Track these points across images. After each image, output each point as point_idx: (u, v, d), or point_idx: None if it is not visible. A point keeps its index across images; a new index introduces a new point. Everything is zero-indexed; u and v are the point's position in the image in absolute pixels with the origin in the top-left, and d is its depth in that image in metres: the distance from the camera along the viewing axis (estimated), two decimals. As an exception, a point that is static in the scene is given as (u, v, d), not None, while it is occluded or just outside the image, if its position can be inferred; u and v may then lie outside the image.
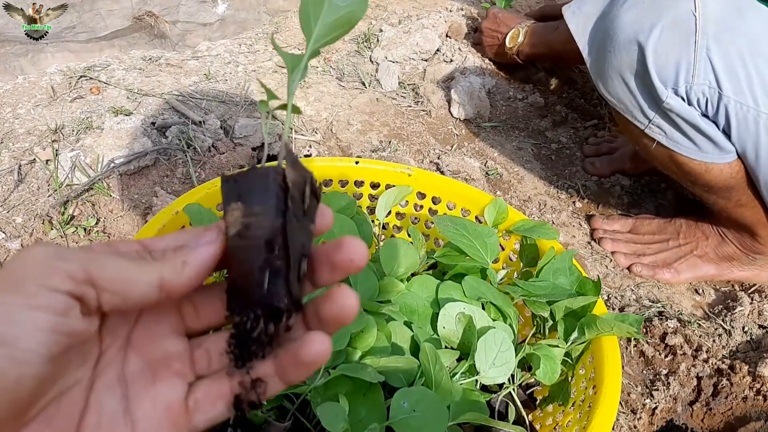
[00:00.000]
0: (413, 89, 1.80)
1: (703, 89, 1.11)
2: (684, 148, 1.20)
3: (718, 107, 1.12)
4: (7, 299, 0.34)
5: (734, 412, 1.20)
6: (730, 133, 1.15)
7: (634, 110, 1.20)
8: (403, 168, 1.15)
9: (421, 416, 0.73)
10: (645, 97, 1.17)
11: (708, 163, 1.20)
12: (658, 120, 1.18)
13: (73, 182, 1.32)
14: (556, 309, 0.92)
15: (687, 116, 1.14)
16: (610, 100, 1.22)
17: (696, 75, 1.10)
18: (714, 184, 1.23)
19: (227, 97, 1.65)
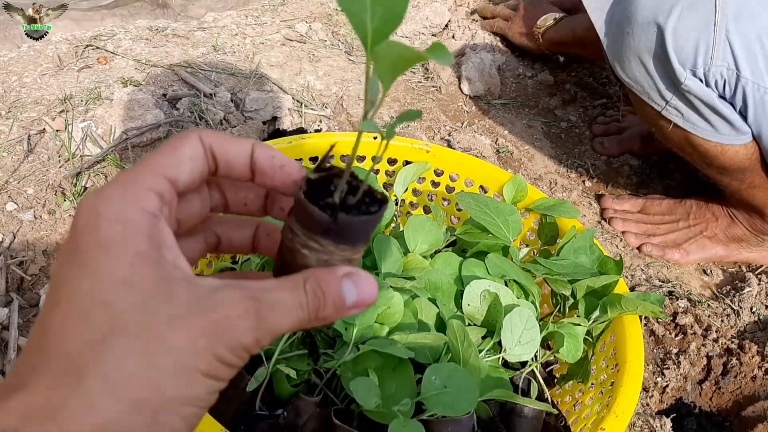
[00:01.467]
0: (423, 65, 1.78)
1: (721, 71, 1.11)
2: (700, 129, 1.20)
3: (736, 89, 1.13)
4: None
5: (743, 391, 1.21)
6: (746, 115, 1.16)
7: (652, 92, 1.19)
8: (421, 144, 1.14)
9: (453, 392, 0.74)
10: (663, 78, 1.16)
11: (724, 144, 1.20)
12: (676, 102, 1.18)
13: (84, 153, 1.31)
14: (577, 287, 0.93)
15: (705, 98, 1.14)
16: (627, 82, 1.22)
17: (715, 56, 1.10)
18: (729, 165, 1.23)
19: (236, 70, 1.63)
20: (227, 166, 0.40)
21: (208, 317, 0.33)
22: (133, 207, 0.34)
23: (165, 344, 0.32)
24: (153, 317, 0.32)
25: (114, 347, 0.31)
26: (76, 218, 0.34)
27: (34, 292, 1.10)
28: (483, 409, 0.83)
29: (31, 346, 0.33)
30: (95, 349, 0.31)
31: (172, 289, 0.33)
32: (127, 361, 0.31)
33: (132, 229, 0.33)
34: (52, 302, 0.33)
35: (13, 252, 1.15)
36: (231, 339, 0.34)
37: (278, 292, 0.36)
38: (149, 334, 0.32)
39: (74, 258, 0.33)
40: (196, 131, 0.39)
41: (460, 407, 0.73)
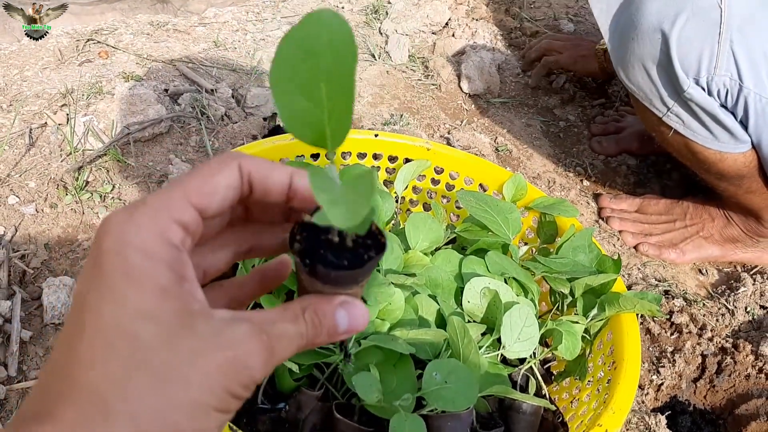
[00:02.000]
0: (423, 63, 1.79)
1: (724, 80, 1.12)
2: (700, 137, 1.21)
3: (738, 99, 1.14)
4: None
5: (736, 389, 1.23)
6: (747, 124, 1.17)
7: (654, 98, 1.20)
8: (422, 142, 1.15)
9: (453, 388, 0.75)
10: (665, 85, 1.17)
11: (723, 152, 1.21)
12: (677, 109, 1.19)
13: (86, 147, 1.31)
14: (576, 286, 0.94)
15: (706, 106, 1.15)
16: (630, 87, 1.23)
17: (718, 66, 1.11)
18: (727, 172, 1.25)
19: (237, 66, 1.64)
20: (264, 193, 0.40)
21: (224, 354, 0.35)
22: (159, 239, 0.35)
23: (184, 381, 0.33)
24: (174, 353, 0.33)
25: (138, 384, 0.33)
26: (101, 238, 0.35)
27: (36, 286, 1.10)
28: (482, 404, 0.84)
29: (54, 370, 0.34)
30: (121, 385, 0.32)
31: (192, 323, 0.34)
32: (150, 399, 0.33)
33: (157, 262, 0.34)
34: (77, 326, 0.34)
35: (15, 245, 1.15)
36: (245, 376, 0.35)
37: (282, 324, 0.38)
38: (170, 370, 0.33)
39: (99, 283, 0.34)
40: (236, 157, 0.39)
41: (460, 402, 0.74)
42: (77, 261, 1.15)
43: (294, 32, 0.35)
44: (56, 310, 1.04)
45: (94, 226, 1.21)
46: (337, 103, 0.36)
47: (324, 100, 0.36)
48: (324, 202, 0.33)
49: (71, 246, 1.17)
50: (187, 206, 0.37)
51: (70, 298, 1.05)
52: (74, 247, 1.17)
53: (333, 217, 0.32)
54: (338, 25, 0.35)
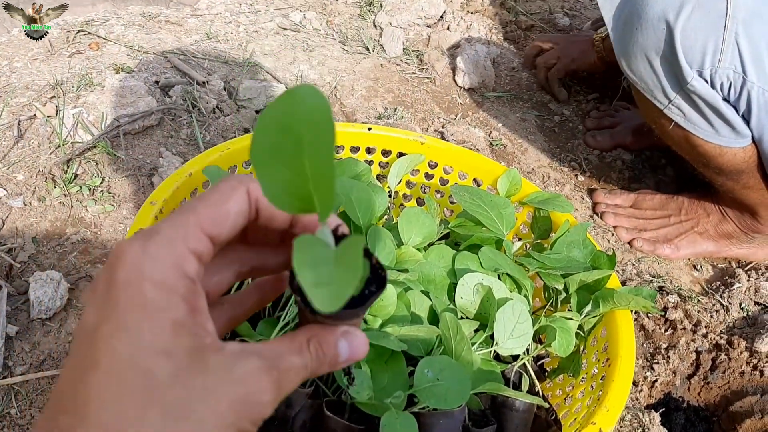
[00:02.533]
0: (417, 56, 1.78)
1: (728, 73, 1.11)
2: (701, 130, 1.20)
3: (741, 92, 1.13)
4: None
5: (731, 386, 1.22)
6: (749, 119, 1.16)
7: (656, 90, 1.19)
8: (415, 136, 1.14)
9: (445, 385, 0.74)
10: (668, 77, 1.16)
11: (723, 146, 1.20)
12: (679, 101, 1.18)
13: (75, 140, 1.29)
14: (570, 282, 0.93)
15: (709, 99, 1.14)
16: (632, 78, 1.22)
17: (723, 59, 1.10)
18: (726, 167, 1.24)
19: (229, 58, 1.62)
20: (269, 219, 0.41)
21: (236, 391, 0.35)
22: (175, 272, 0.35)
23: (197, 419, 0.33)
24: (188, 389, 0.33)
25: (152, 422, 0.32)
26: (115, 268, 0.34)
27: (23, 280, 1.09)
28: (474, 402, 0.83)
29: (64, 403, 0.33)
30: (134, 423, 0.32)
31: (204, 358, 0.34)
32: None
33: (173, 296, 0.34)
34: (89, 359, 0.33)
35: (2, 239, 1.14)
36: (255, 413, 0.35)
37: (289, 357, 0.38)
38: (183, 407, 0.33)
39: (113, 315, 0.33)
40: (245, 181, 0.39)
41: (452, 400, 0.73)
42: (65, 255, 1.14)
43: (272, 109, 0.35)
44: (43, 305, 1.03)
45: (83, 220, 1.20)
46: (320, 173, 0.36)
47: (308, 172, 0.36)
48: (307, 284, 0.32)
49: (59, 240, 1.16)
50: (201, 235, 0.37)
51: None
52: (62, 241, 1.15)
53: (315, 300, 0.32)
54: (315, 101, 0.35)
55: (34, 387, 0.98)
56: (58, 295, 1.04)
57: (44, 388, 0.98)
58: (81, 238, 1.16)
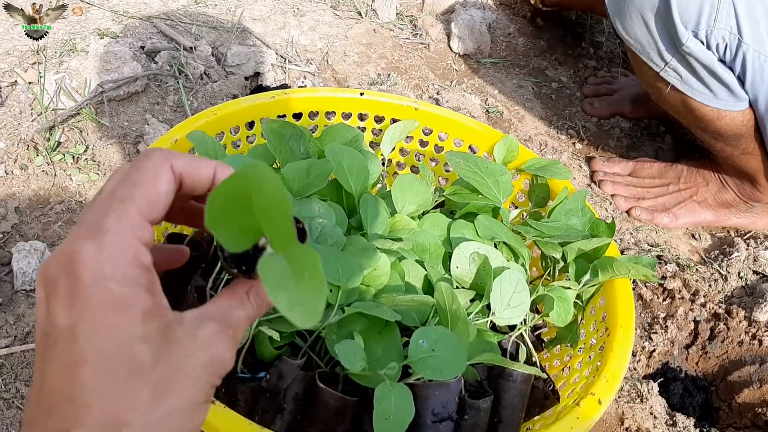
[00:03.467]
0: (411, 21, 1.73)
1: (723, 34, 1.09)
2: (698, 93, 1.17)
3: (736, 54, 1.10)
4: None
5: (729, 356, 1.21)
6: (744, 81, 1.13)
7: (652, 52, 1.16)
8: (409, 101, 1.10)
9: (441, 356, 0.71)
10: (664, 38, 1.13)
11: (721, 110, 1.18)
12: (675, 63, 1.15)
13: (58, 107, 1.25)
14: (568, 250, 0.90)
15: (705, 60, 1.12)
16: (627, 40, 1.18)
17: (718, 19, 1.07)
18: (724, 131, 1.21)
19: (217, 23, 1.57)
20: (190, 189, 0.43)
21: (204, 356, 0.39)
22: (135, 266, 0.38)
23: (179, 388, 0.38)
24: (166, 365, 0.38)
25: (144, 400, 0.37)
26: (77, 272, 0.37)
27: (6, 251, 1.06)
28: (471, 372, 0.81)
29: (61, 396, 0.36)
30: (130, 403, 0.36)
31: (172, 334, 0.39)
32: (157, 410, 0.37)
33: (137, 289, 0.38)
34: (75, 356, 0.36)
35: (-16, 208, 1.10)
36: (221, 369, 0.40)
37: (236, 312, 0.42)
38: (167, 382, 0.37)
39: (87, 314, 0.36)
40: (167, 157, 0.41)
41: (448, 371, 0.71)
42: (49, 225, 1.10)
43: (224, 187, 0.38)
44: (27, 276, 1.00)
45: (67, 189, 1.16)
46: (279, 233, 0.39)
47: (260, 223, 0.39)
48: (283, 308, 0.36)
49: (43, 209, 1.12)
50: (144, 223, 0.39)
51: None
52: (46, 210, 1.12)
53: (295, 321, 0.36)
54: (266, 177, 0.38)
55: (18, 360, 0.95)
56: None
57: (29, 361, 0.95)
58: (65, 207, 1.13)
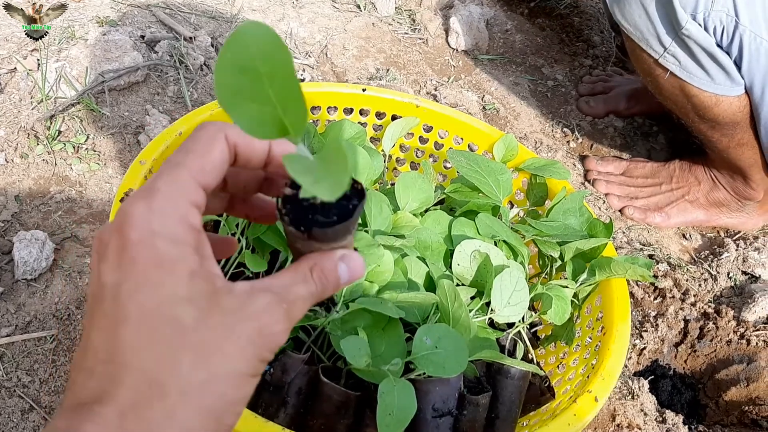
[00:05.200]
0: (410, 15, 1.74)
1: (720, 17, 1.11)
2: (697, 78, 1.19)
3: (733, 37, 1.13)
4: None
5: (717, 354, 1.23)
6: (740, 65, 1.16)
7: (650, 38, 1.18)
8: (411, 98, 1.11)
9: (443, 353, 0.73)
10: (663, 23, 1.15)
11: (718, 95, 1.20)
12: (674, 49, 1.17)
13: (58, 95, 1.25)
14: (566, 250, 0.92)
15: (703, 43, 1.14)
16: (626, 27, 1.20)
17: (716, 1, 1.10)
18: (721, 118, 1.23)
19: (217, 13, 1.57)
20: (245, 162, 0.43)
21: (252, 326, 0.38)
22: (184, 225, 0.37)
23: (222, 355, 0.37)
24: (210, 329, 0.37)
25: (185, 362, 0.36)
26: (125, 230, 0.36)
27: (7, 239, 1.06)
28: (470, 369, 0.83)
29: (101, 356, 0.36)
30: (169, 364, 0.35)
31: (219, 300, 0.38)
32: (197, 374, 0.36)
33: (184, 248, 0.37)
34: (118, 315, 0.36)
35: (-16, 196, 1.10)
36: (271, 342, 0.39)
37: (296, 288, 0.41)
38: (210, 346, 0.36)
39: (133, 273, 0.36)
40: (222, 128, 0.41)
41: (450, 368, 0.72)
42: (50, 214, 1.10)
43: (226, 52, 0.37)
44: (28, 265, 1.00)
45: (68, 178, 1.16)
46: (288, 97, 0.38)
47: (274, 100, 0.38)
48: (307, 184, 0.35)
49: (43, 198, 1.12)
50: (197, 187, 0.39)
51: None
52: (46, 199, 1.12)
53: (320, 193, 0.35)
54: (265, 35, 0.37)
55: (20, 349, 0.96)
56: (44, 256, 1.01)
57: (30, 350, 0.96)
58: (66, 197, 1.13)
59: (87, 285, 1.03)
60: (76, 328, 0.99)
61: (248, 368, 0.38)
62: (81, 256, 1.06)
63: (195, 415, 0.36)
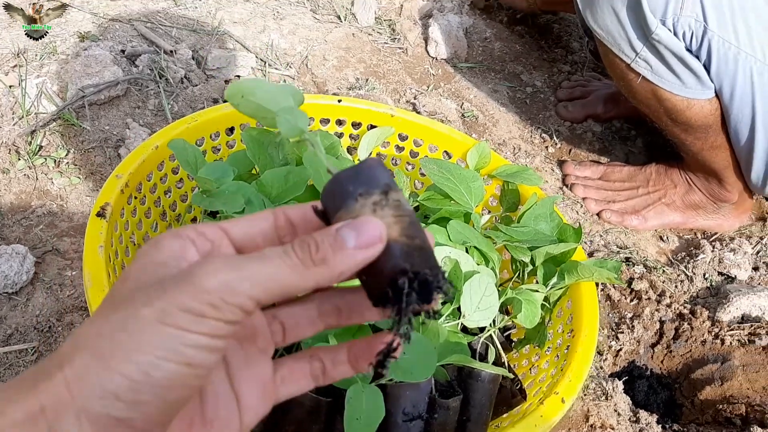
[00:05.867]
0: (390, 25, 1.76)
1: (689, 22, 1.13)
2: (667, 82, 1.22)
3: (702, 41, 1.15)
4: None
5: (693, 354, 1.25)
6: (709, 69, 1.18)
7: (622, 43, 1.20)
8: (386, 108, 1.13)
9: (411, 359, 0.74)
10: (634, 28, 1.18)
11: (690, 98, 1.22)
12: (645, 53, 1.20)
13: (39, 111, 1.27)
14: (537, 254, 0.94)
15: (673, 48, 1.16)
16: (598, 33, 1.23)
17: (684, 7, 1.12)
18: (693, 121, 1.25)
19: (198, 26, 1.59)
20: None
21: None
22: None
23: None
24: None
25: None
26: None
27: (-12, 253, 1.07)
28: (441, 373, 0.84)
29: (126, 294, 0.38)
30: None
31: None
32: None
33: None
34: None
35: (-34, 211, 1.12)
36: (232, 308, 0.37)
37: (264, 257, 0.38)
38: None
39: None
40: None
41: (418, 373, 0.74)
42: (31, 228, 1.12)
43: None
44: (9, 279, 1.01)
45: (49, 193, 1.18)
46: None
47: None
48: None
49: (24, 213, 1.14)
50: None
51: (24, 266, 1.03)
52: (28, 213, 1.14)
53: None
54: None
55: (1, 361, 0.97)
56: (24, 269, 1.03)
57: (12, 363, 0.97)
58: (47, 211, 1.15)
59: (68, 297, 1.05)
60: (57, 340, 1.00)
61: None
62: (62, 269, 1.07)
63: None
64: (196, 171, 0.87)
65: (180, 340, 0.35)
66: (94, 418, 0.35)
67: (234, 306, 0.36)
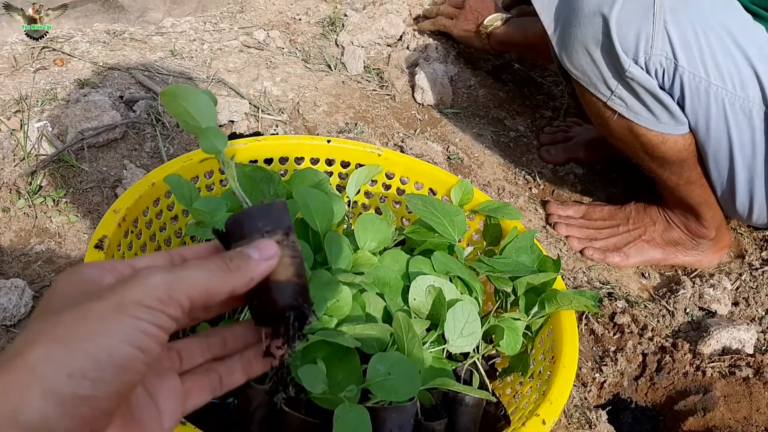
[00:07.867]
0: (378, 74, 1.83)
1: (660, 60, 1.19)
2: (643, 118, 1.27)
3: (674, 78, 1.21)
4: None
5: (675, 386, 1.28)
6: (684, 105, 1.23)
7: (598, 82, 1.26)
8: (373, 148, 1.18)
9: (396, 379, 0.78)
10: (608, 67, 1.23)
11: (664, 134, 1.27)
12: (620, 91, 1.25)
13: (40, 153, 1.32)
14: (518, 284, 0.98)
15: (647, 85, 1.22)
16: (574, 73, 1.28)
17: (654, 46, 1.18)
18: (669, 156, 1.30)
19: (194, 74, 1.66)
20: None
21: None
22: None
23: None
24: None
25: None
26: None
27: (-13, 289, 1.10)
28: (426, 397, 0.87)
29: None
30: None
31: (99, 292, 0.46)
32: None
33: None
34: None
35: (-34, 249, 1.15)
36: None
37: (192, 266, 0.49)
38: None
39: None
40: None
41: (402, 393, 0.77)
42: (30, 264, 1.15)
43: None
44: (7, 311, 1.04)
45: (48, 230, 1.22)
46: None
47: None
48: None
49: (24, 249, 1.17)
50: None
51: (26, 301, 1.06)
52: (27, 250, 1.17)
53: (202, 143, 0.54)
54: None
55: (-4, 393, 0.99)
56: (23, 302, 1.06)
57: (7, 394, 0.99)
58: (45, 247, 1.18)
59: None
60: (52, 372, 1.02)
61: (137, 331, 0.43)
62: (58, 303, 1.10)
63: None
64: (190, 204, 0.91)
65: (135, 327, 0.42)
66: (59, 397, 0.39)
67: (176, 302, 0.45)
